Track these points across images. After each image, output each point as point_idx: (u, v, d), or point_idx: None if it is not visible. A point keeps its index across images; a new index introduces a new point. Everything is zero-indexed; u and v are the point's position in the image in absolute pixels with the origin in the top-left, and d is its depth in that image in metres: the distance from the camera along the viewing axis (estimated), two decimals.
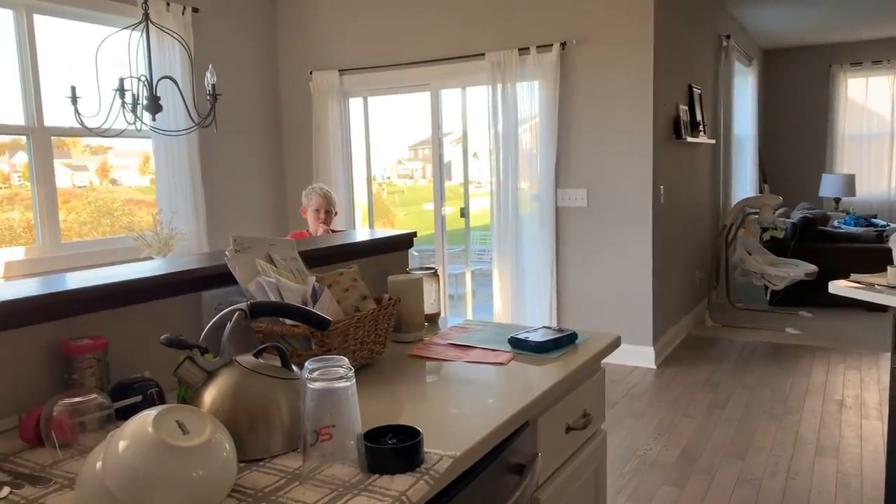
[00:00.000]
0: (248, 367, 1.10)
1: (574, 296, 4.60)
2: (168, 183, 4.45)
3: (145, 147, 4.62)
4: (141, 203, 4.86)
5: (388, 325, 1.56)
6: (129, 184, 4.85)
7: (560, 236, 4.59)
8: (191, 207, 4.53)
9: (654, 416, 3.63)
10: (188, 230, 4.43)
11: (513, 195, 4.61)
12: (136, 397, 1.17)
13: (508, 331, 1.74)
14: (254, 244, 1.50)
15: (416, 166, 10.08)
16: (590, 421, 1.55)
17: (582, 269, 4.56)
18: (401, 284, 1.75)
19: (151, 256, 3.86)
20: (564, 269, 4.61)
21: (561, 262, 4.60)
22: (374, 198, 5.62)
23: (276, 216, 5.46)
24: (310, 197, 3.61)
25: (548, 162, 4.50)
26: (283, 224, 5.48)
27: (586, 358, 1.53)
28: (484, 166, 5.16)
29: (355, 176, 5.42)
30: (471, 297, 5.41)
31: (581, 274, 4.56)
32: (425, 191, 6.23)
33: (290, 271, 1.53)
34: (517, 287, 4.66)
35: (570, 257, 4.59)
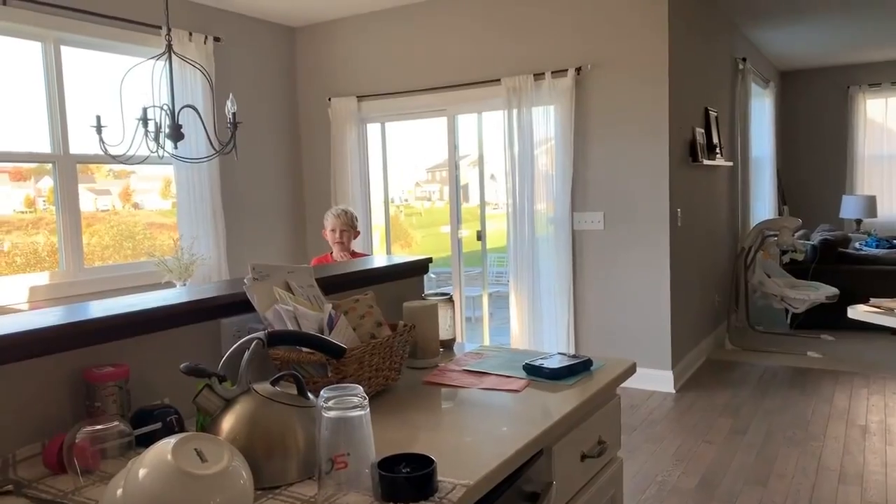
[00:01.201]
0: (266, 395, 1.11)
1: (591, 319, 4.58)
2: (189, 209, 4.52)
3: (167, 171, 4.70)
4: (163, 227, 4.93)
5: (404, 352, 1.57)
6: (151, 207, 4.93)
7: (577, 259, 4.58)
8: (211, 233, 4.59)
9: (672, 442, 3.59)
10: (208, 255, 4.49)
11: (529, 217, 4.63)
12: (156, 424, 1.19)
13: (523, 357, 1.75)
14: (272, 272, 1.52)
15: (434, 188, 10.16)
16: (605, 448, 1.54)
17: (599, 293, 4.54)
18: (416, 311, 1.76)
19: (172, 282, 3.92)
20: (581, 292, 4.59)
21: (578, 285, 4.59)
22: (391, 220, 5.66)
23: (296, 240, 5.51)
24: (327, 219, 3.66)
25: (564, 185, 4.51)
26: (302, 247, 5.52)
27: (601, 385, 1.53)
28: (500, 188, 5.18)
29: (373, 199, 5.47)
30: (488, 320, 5.41)
31: (598, 297, 4.55)
32: (442, 213, 6.26)
33: (307, 298, 1.55)
34: (534, 310, 4.65)
35: (587, 280, 4.58)
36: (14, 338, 1.16)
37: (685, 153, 4.65)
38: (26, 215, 4.22)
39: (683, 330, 4.65)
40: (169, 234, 4.77)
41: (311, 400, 1.14)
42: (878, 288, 5.13)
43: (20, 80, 3.92)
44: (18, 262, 4.07)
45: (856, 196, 7.81)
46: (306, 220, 5.56)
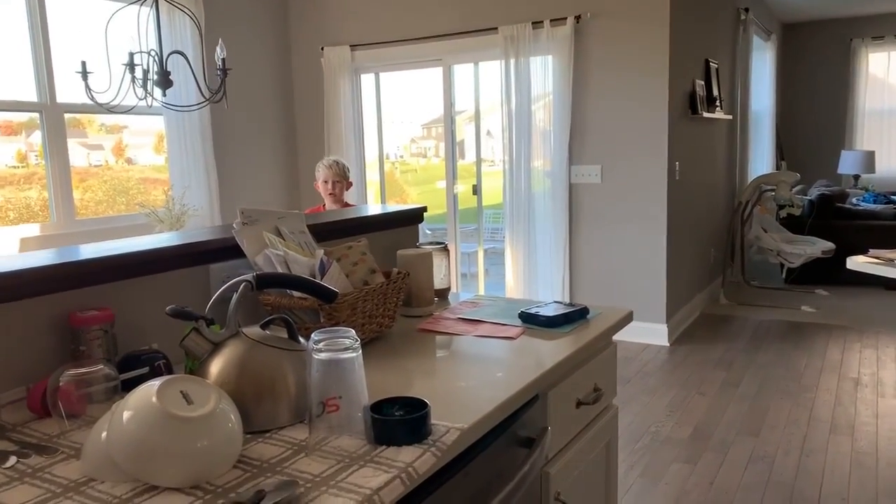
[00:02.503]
0: (255, 338, 1.09)
1: (587, 273, 4.57)
2: (180, 159, 4.45)
3: (160, 125, 4.62)
4: (156, 181, 4.86)
5: (397, 299, 1.55)
6: (145, 163, 4.85)
7: (573, 213, 4.54)
8: (203, 183, 4.53)
9: (666, 394, 3.62)
10: (201, 206, 4.44)
11: (525, 173, 4.57)
12: (143, 369, 1.17)
13: (519, 306, 1.73)
14: (262, 217, 1.48)
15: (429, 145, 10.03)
16: (601, 396, 1.53)
17: (595, 246, 4.52)
18: (410, 258, 1.74)
19: (163, 232, 3.87)
20: (577, 246, 4.57)
21: (574, 239, 4.57)
22: (386, 176, 5.60)
23: (289, 192, 5.45)
24: (318, 169, 3.61)
25: (561, 138, 4.44)
26: (296, 199, 5.47)
27: (597, 332, 1.51)
28: (497, 145, 5.10)
29: (367, 154, 5.39)
30: (483, 276, 5.40)
31: (594, 251, 4.53)
32: (437, 169, 6.19)
33: (298, 244, 1.52)
34: (530, 265, 4.63)
35: (583, 234, 4.55)
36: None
37: (685, 106, 4.57)
38: (18, 170, 4.14)
39: (678, 284, 4.65)
40: (163, 188, 4.70)
41: (302, 343, 1.11)
42: (875, 243, 5.12)
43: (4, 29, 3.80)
44: (11, 216, 4.01)
45: (854, 151, 7.75)
46: (300, 172, 5.49)
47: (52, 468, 0.94)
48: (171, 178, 4.48)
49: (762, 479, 2.71)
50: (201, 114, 4.39)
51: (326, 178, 3.56)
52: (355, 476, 0.89)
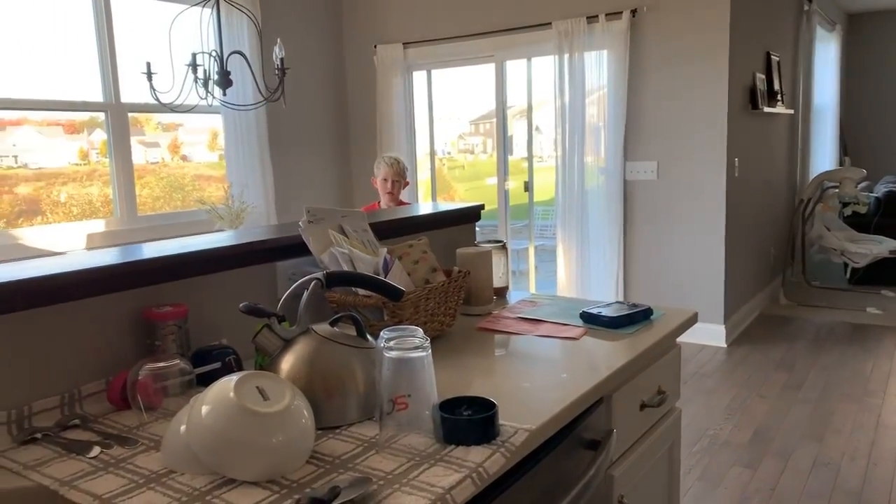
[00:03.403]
0: (325, 335, 1.10)
1: (641, 272, 4.50)
2: (237, 157, 4.54)
3: (214, 123, 4.73)
4: (210, 178, 4.99)
5: (458, 298, 1.55)
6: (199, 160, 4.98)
7: (628, 211, 4.48)
8: (259, 181, 4.62)
9: (725, 396, 3.54)
10: (257, 203, 4.53)
11: (578, 169, 4.52)
12: (216, 364, 1.20)
13: (579, 305, 1.71)
14: (326, 215, 1.51)
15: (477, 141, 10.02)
16: (665, 398, 1.51)
17: (650, 244, 4.45)
18: (470, 257, 1.74)
19: (223, 229, 3.97)
20: (632, 244, 4.50)
21: (629, 236, 4.50)
22: (436, 173, 5.62)
23: (342, 189, 5.52)
24: (378, 166, 3.63)
25: (616, 134, 4.38)
26: (348, 197, 5.54)
27: (662, 334, 1.49)
28: (547, 140, 5.07)
29: (418, 150, 5.42)
30: (534, 273, 5.37)
31: (649, 249, 4.46)
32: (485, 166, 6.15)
33: (361, 242, 1.54)
34: (582, 262, 4.59)
35: (638, 232, 4.48)
36: (77, 275, 1.17)
37: (745, 100, 4.45)
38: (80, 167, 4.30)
39: (737, 283, 4.54)
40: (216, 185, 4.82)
41: (371, 341, 1.13)
42: None
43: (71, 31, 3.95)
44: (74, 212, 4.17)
45: None
46: (351, 169, 5.55)
47: (134, 459, 0.98)
48: (227, 176, 4.59)
49: (827, 487, 2.62)
50: (258, 112, 4.48)
51: (387, 176, 3.58)
52: (427, 475, 0.90)
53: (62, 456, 0.99)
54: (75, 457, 0.99)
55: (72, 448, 1.01)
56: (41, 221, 3.98)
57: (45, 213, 4.04)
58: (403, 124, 5.23)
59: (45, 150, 4.10)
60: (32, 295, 1.12)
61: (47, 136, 4.16)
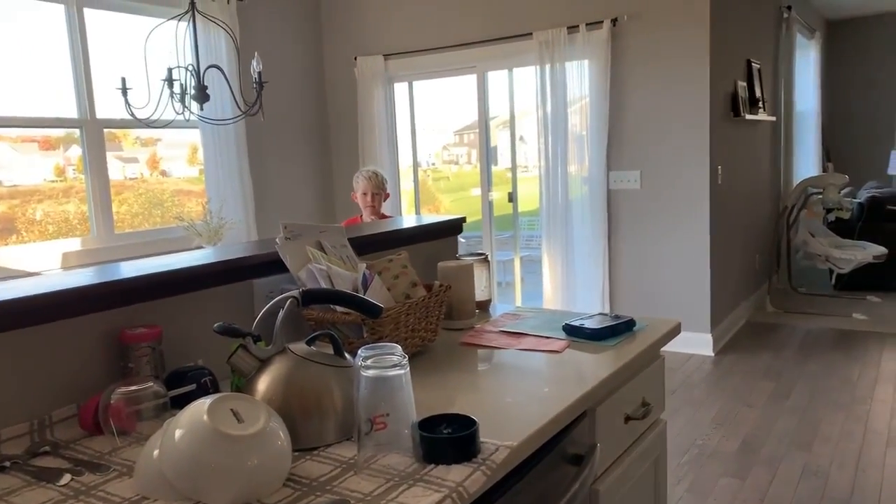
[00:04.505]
0: (301, 354, 1.10)
1: (628, 282, 4.52)
2: (216, 173, 4.53)
3: (193, 138, 4.71)
4: (190, 194, 4.96)
5: (440, 313, 1.55)
6: (179, 175, 4.96)
7: (612, 220, 4.51)
8: (239, 196, 4.60)
9: (712, 406, 3.55)
10: (237, 219, 4.51)
11: (562, 179, 4.55)
12: (191, 385, 1.19)
13: (562, 318, 1.71)
14: (304, 231, 1.50)
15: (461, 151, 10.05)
16: (650, 410, 1.51)
17: (636, 254, 4.47)
18: (451, 271, 1.74)
19: (202, 246, 3.94)
20: (617, 254, 4.53)
21: (614, 246, 4.53)
22: (419, 185, 5.62)
23: (324, 203, 5.51)
24: (357, 181, 3.64)
25: (599, 143, 4.41)
26: (330, 211, 5.53)
27: (645, 345, 1.49)
28: (531, 150, 5.09)
29: (401, 162, 5.42)
30: (520, 285, 5.38)
31: (635, 259, 4.48)
32: (471, 176, 6.17)
33: (340, 258, 1.54)
34: (567, 273, 4.60)
35: (623, 242, 4.50)
36: (47, 298, 1.16)
37: (726, 108, 4.51)
38: (56, 184, 4.27)
39: (723, 291, 4.57)
40: (197, 200, 4.80)
41: (348, 360, 1.12)
42: None
43: (45, 46, 3.92)
44: (51, 230, 4.13)
45: None
46: (334, 182, 5.55)
47: (106, 486, 0.96)
48: (207, 191, 4.56)
49: (816, 496, 2.64)
50: (237, 127, 4.47)
51: (366, 189, 3.58)
52: (406, 495, 0.89)
53: (31, 485, 0.98)
54: (45, 485, 0.97)
55: (41, 476, 0.99)
56: (16, 241, 3.93)
57: (21, 231, 4.00)
58: (385, 136, 5.24)
59: (20, 166, 4.06)
60: (0, 318, 1.11)
61: (22, 153, 4.12)
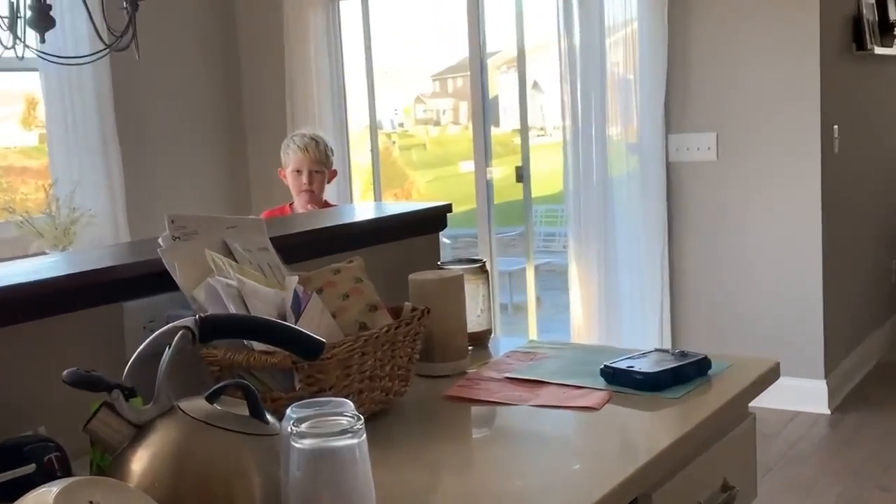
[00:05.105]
0: (199, 417, 1.10)
1: (697, 302, 4.55)
2: (66, 140, 4.50)
3: (30, 86, 4.68)
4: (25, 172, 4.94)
5: (413, 351, 1.56)
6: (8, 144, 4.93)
7: (674, 208, 4.53)
8: (101, 176, 4.58)
9: (828, 491, 3.58)
10: (98, 211, 4.48)
11: (599, 146, 4.57)
12: (28, 466, 1.18)
13: (599, 356, 1.72)
14: (202, 227, 1.50)
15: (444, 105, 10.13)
16: (733, 497, 1.53)
17: (709, 260, 4.50)
18: (431, 287, 1.74)
19: (45, 251, 3.92)
20: (681, 259, 4.55)
21: (676, 248, 4.55)
22: (381, 156, 5.64)
23: (234, 186, 5.50)
24: (287, 152, 3.63)
25: (653, 93, 4.44)
26: (244, 197, 5.52)
27: (727, 398, 1.51)
28: (551, 103, 5.11)
29: (352, 123, 5.43)
30: (534, 309, 5.40)
31: (708, 267, 4.50)
32: (458, 143, 6.20)
33: (258, 268, 1.54)
34: (607, 290, 4.62)
35: (690, 240, 4.53)
36: None
37: (846, 38, 4.56)
38: None
39: (842, 318, 4.61)
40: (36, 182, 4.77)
41: (272, 424, 1.12)
42: None
43: None
44: None
45: None
46: (248, 156, 5.54)
47: None
48: (51, 169, 4.54)
49: None
50: (97, 70, 4.45)
51: (300, 165, 3.58)
52: None
53: None
54: None
55: None
56: None
57: None
58: (328, 84, 5.24)
59: None
60: None
61: None
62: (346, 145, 5.38)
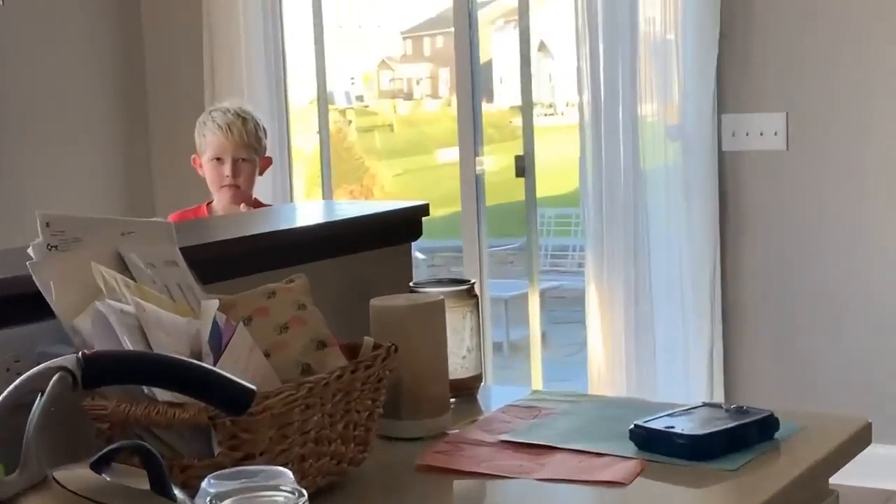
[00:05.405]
0: (81, 491, 1.09)
1: (760, 340, 4.56)
2: None
3: None
4: None
5: (374, 404, 1.57)
6: None
7: (729, 213, 4.54)
8: None
9: None
10: None
11: (626, 130, 4.59)
12: None
13: (628, 413, 1.74)
14: (88, 233, 1.50)
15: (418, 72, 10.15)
16: None
17: (776, 284, 4.51)
18: (400, 317, 1.76)
19: None
20: (739, 282, 4.57)
21: (731, 265, 4.56)
22: (332, 140, 5.65)
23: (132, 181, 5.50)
24: (204, 132, 3.62)
25: (701, 59, 4.46)
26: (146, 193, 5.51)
27: (800, 470, 1.52)
28: (563, 72, 5.14)
29: (293, 95, 5.44)
30: (539, 347, 5.42)
31: (774, 293, 4.52)
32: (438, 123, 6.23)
33: (163, 288, 1.54)
34: (639, 323, 4.63)
35: (750, 256, 4.55)
36: None
37: None
38: None
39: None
40: None
41: (181, 501, 1.11)
42: None
43: None
44: None
45: None
46: (150, 138, 5.54)
47: None
48: None
49: None
50: None
51: (221, 151, 3.59)
52: None
53: None
54: None
55: None
56: None
57: None
58: (260, 42, 5.25)
59: None
60: None
61: None
62: (286, 125, 5.38)
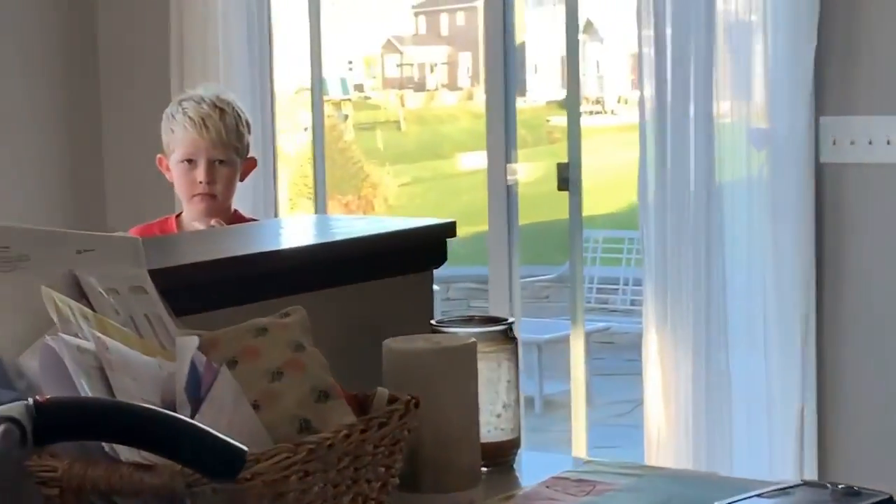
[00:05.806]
0: None
1: (864, 404, 4.56)
2: None
3: None
4: None
5: (389, 472, 1.58)
6: None
7: (830, 239, 4.55)
8: None
9: None
10: None
11: (698, 133, 4.60)
12: None
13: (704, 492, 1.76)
14: (37, 250, 1.52)
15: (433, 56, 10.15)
16: None
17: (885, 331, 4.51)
18: (421, 363, 1.77)
19: None
20: (840, 329, 4.57)
21: (831, 308, 4.57)
22: (325, 138, 5.67)
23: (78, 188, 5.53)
24: (173, 125, 3.63)
25: (794, 49, 4.48)
26: (97, 204, 5.55)
27: None
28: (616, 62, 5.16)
29: (280, 83, 5.47)
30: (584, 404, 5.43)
31: (886, 345, 4.52)
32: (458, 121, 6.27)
33: (129, 320, 1.55)
34: (711, 378, 4.63)
35: (855, 296, 4.55)
36: None
37: None
38: None
39: None
40: None
41: None
42: None
43: None
44: None
45: None
46: (103, 135, 5.57)
47: None
48: None
49: None
50: None
51: (193, 151, 3.60)
52: None
53: None
54: None
55: None
56: None
57: None
58: (242, 19, 5.29)
59: None
60: None
61: None
62: (271, 120, 5.41)
